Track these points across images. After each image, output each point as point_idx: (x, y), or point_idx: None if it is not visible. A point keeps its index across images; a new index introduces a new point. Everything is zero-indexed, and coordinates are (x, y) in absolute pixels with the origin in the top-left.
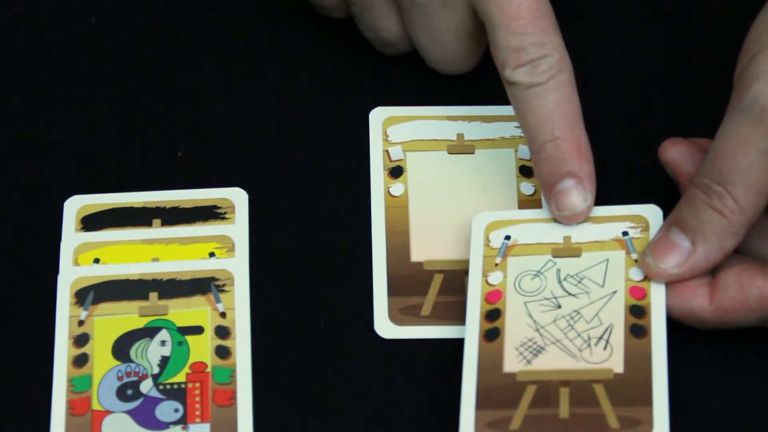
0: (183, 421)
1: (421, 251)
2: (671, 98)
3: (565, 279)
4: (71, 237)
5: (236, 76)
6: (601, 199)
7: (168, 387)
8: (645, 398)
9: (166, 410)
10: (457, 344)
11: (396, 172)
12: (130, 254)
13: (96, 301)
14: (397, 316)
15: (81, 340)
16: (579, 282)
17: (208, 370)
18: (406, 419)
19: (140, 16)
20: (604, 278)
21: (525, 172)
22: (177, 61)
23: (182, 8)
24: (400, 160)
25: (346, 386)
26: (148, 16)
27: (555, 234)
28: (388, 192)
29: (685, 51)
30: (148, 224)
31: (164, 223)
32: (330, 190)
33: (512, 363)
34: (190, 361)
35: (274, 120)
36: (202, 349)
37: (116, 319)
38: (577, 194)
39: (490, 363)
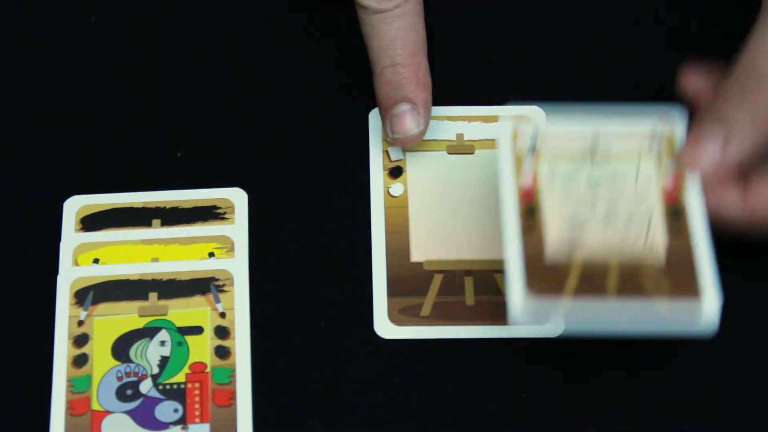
0: (182, 421)
1: (420, 251)
2: (671, 97)
3: (596, 182)
4: (71, 237)
5: (236, 76)
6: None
7: (167, 387)
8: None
9: (166, 410)
10: (457, 344)
11: (396, 172)
12: (130, 254)
13: (96, 301)
14: (397, 316)
15: (81, 340)
16: (611, 183)
17: (208, 370)
18: (406, 419)
19: (140, 16)
20: (636, 181)
21: None
22: (177, 61)
23: (182, 8)
24: (400, 160)
25: (346, 386)
26: (148, 16)
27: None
28: (388, 192)
29: (686, 50)
30: (148, 224)
31: (164, 223)
32: (330, 190)
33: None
34: (190, 361)
35: (274, 120)
36: (201, 349)
37: (116, 320)
38: (411, 119)
39: (535, 254)
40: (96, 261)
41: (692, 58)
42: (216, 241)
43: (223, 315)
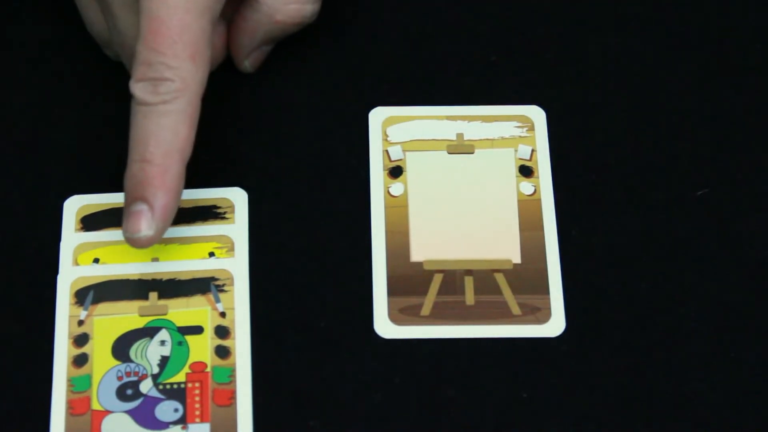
0: (183, 420)
1: (420, 251)
2: (670, 97)
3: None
4: (71, 237)
5: (236, 75)
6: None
7: (168, 387)
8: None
9: (166, 410)
10: (457, 344)
11: (396, 172)
12: (130, 254)
13: (96, 300)
14: (397, 316)
15: (81, 339)
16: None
17: (208, 369)
18: (406, 419)
19: None
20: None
21: (525, 171)
22: None
23: None
24: (400, 160)
25: (346, 386)
26: None
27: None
28: (388, 192)
29: (685, 51)
30: None
31: None
32: (330, 190)
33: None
34: (190, 360)
35: (274, 120)
36: (201, 348)
37: (116, 319)
38: (144, 221)
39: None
40: (96, 261)
41: (691, 57)
42: (216, 240)
43: (223, 315)
